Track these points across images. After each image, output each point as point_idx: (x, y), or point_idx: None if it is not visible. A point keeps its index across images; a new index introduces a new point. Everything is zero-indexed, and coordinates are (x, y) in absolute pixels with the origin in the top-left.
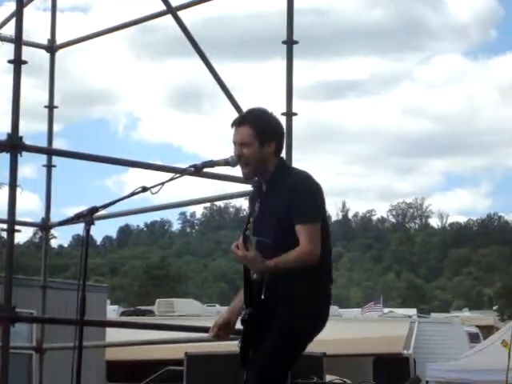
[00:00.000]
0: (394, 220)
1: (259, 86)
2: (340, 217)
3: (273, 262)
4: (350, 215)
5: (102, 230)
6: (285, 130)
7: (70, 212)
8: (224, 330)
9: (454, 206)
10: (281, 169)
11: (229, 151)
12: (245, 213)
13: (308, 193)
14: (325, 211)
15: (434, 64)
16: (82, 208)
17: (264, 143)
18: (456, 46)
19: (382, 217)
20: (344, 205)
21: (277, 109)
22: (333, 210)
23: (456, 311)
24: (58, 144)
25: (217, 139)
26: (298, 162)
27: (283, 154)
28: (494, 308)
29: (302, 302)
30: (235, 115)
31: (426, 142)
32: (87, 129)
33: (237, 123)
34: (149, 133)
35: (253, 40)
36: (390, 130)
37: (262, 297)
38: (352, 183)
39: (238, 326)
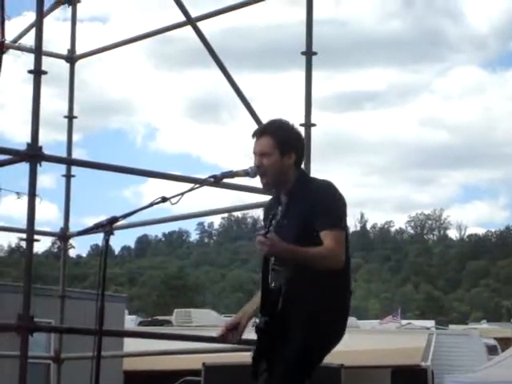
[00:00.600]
0: (412, 231)
1: (277, 96)
2: (358, 228)
3: (292, 246)
4: (368, 226)
5: (121, 240)
6: (305, 142)
7: (88, 222)
8: (231, 332)
9: (472, 217)
10: (302, 180)
11: (248, 162)
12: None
13: (333, 199)
14: (346, 221)
15: (452, 76)
16: (100, 218)
17: (284, 154)
18: (474, 57)
19: (401, 228)
20: (362, 216)
21: (295, 119)
22: (351, 221)
23: (474, 323)
24: (76, 154)
25: (235, 149)
26: (316, 173)
27: (302, 165)
28: None
29: (317, 313)
30: (254, 126)
31: (444, 154)
32: (105, 139)
33: (258, 134)
34: (167, 143)
35: (271, 50)
36: (407, 141)
37: (279, 306)
38: (370, 194)
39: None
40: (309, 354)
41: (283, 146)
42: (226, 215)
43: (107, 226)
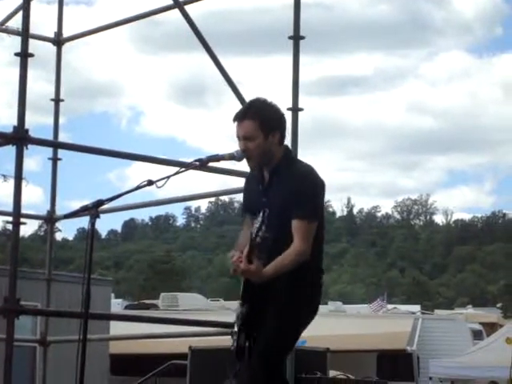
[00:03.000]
0: (398, 216)
1: (264, 80)
2: (345, 213)
3: (271, 271)
4: (355, 211)
5: (107, 224)
6: (286, 120)
7: (74, 205)
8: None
9: (458, 202)
10: (286, 159)
11: (233, 145)
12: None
13: (311, 189)
14: (323, 207)
15: (438, 60)
16: (86, 202)
17: (268, 135)
18: (461, 42)
19: (387, 213)
20: (349, 201)
21: (282, 104)
22: (337, 206)
23: (460, 308)
24: (61, 137)
25: (221, 133)
26: (303, 158)
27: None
28: (498, 305)
29: (291, 295)
30: None
31: (430, 139)
32: (90, 122)
33: (239, 117)
34: (152, 127)
35: (258, 34)
36: (393, 126)
37: (256, 289)
38: (356, 179)
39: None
40: (284, 336)
41: (266, 127)
42: (213, 199)
43: (93, 210)
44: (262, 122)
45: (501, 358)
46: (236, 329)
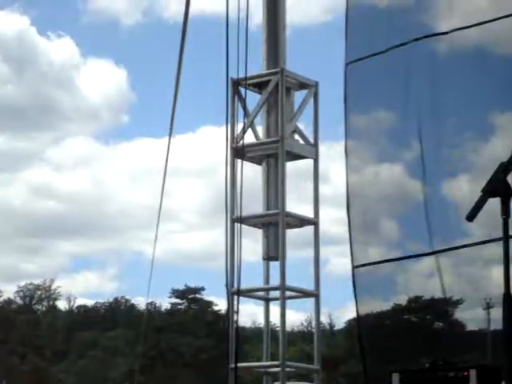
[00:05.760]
0: (21, 302)
1: None
2: None
3: None
4: None
5: None
6: None
7: None
8: None
9: (82, 288)
10: None
11: None
12: None
13: None
14: None
15: (64, 145)
16: None
17: None
18: (87, 128)
19: (9, 298)
20: None
21: None
22: None
23: None
24: None
25: None
26: None
27: None
28: None
29: None
30: None
31: (55, 223)
32: None
33: None
34: None
35: None
36: (17, 210)
37: None
38: None
39: None
40: None
41: None
42: None
43: None
44: None
45: None
46: None
